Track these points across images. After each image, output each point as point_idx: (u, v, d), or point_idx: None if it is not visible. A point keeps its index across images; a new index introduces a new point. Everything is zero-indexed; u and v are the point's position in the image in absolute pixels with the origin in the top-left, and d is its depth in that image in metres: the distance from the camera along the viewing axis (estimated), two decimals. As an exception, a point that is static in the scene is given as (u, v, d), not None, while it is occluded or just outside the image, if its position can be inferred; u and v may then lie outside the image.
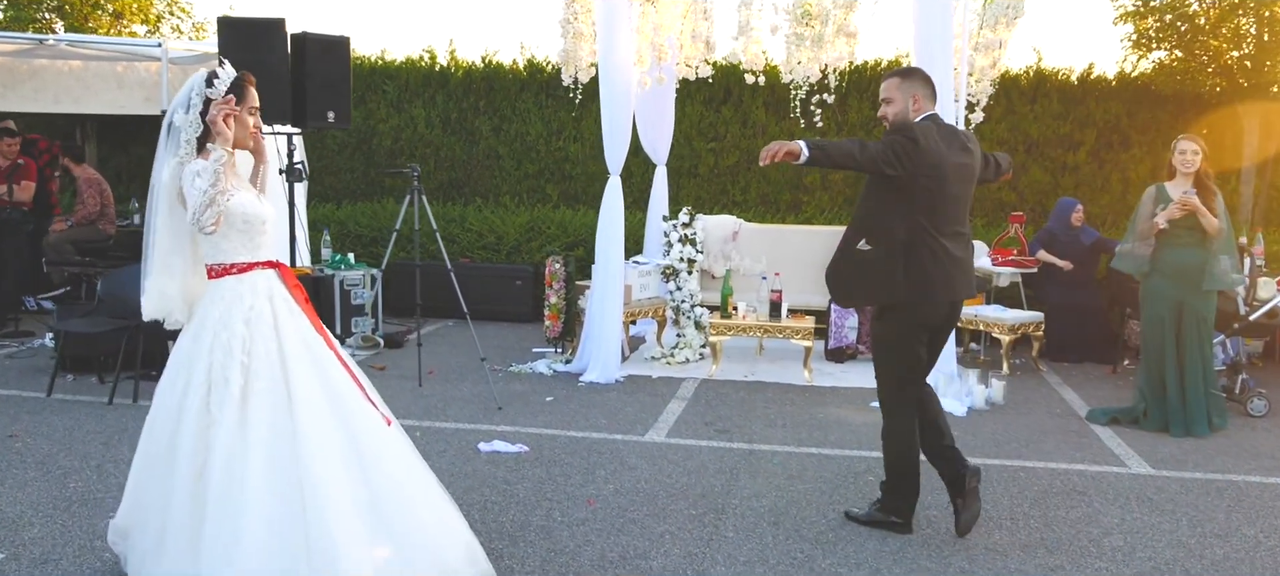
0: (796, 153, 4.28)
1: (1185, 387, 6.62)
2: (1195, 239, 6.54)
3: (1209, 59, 10.06)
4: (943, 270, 4.51)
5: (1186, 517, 5.04)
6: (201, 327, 3.72)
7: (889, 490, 4.81)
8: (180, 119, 3.76)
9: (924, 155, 4.37)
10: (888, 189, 4.46)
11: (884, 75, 4.83)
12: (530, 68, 11.94)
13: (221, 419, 3.55)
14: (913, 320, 4.57)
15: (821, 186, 11.40)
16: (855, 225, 4.67)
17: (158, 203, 3.82)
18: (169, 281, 3.82)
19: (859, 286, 4.73)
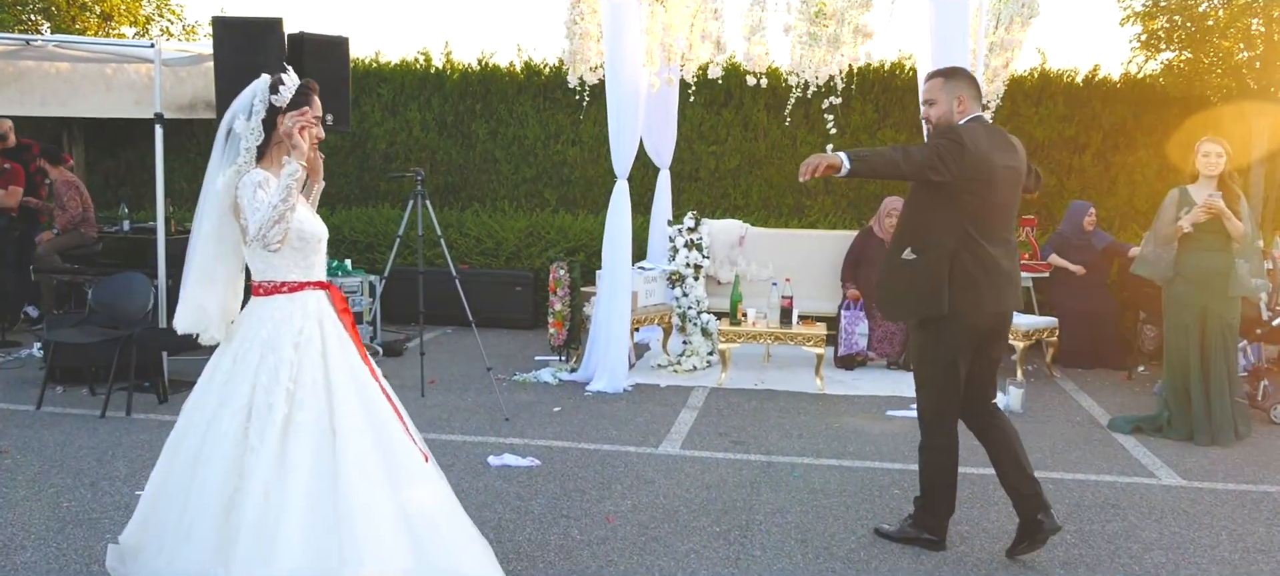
0: (837, 165, 4.07)
1: (1210, 396, 6.46)
2: (1219, 243, 6.39)
3: (1217, 60, 9.92)
4: (991, 280, 4.30)
5: (1225, 532, 4.88)
6: (246, 347, 3.51)
7: (923, 505, 4.62)
8: (241, 126, 3.55)
9: (971, 158, 4.17)
10: (934, 195, 4.26)
11: (927, 77, 4.61)
12: (527, 70, 11.74)
13: (261, 448, 3.35)
14: (958, 332, 4.34)
15: (825, 190, 11.23)
16: (900, 234, 4.47)
17: (205, 211, 3.61)
18: (208, 294, 3.62)
19: (905, 298, 4.47)
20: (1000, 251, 4.33)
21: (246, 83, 7.04)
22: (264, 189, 3.46)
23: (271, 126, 3.56)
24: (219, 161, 3.59)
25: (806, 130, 11.16)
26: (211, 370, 3.62)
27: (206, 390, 3.57)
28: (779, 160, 11.26)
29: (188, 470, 3.48)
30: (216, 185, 3.55)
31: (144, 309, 6.88)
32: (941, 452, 4.50)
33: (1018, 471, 4.41)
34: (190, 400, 3.64)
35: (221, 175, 3.56)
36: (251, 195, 3.44)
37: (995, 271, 4.30)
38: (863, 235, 8.74)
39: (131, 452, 5.77)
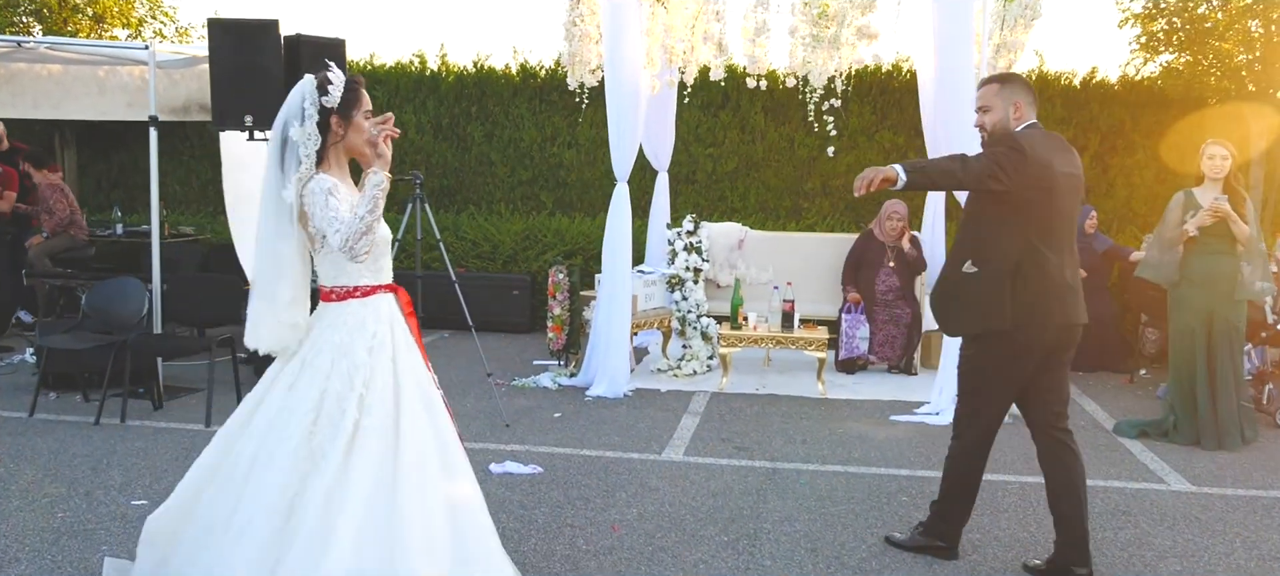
0: (893, 178, 3.95)
1: (1217, 400, 6.42)
2: (1225, 246, 6.35)
3: (1216, 62, 9.89)
4: (1056, 292, 4.12)
5: (1239, 539, 4.82)
6: (315, 351, 3.45)
7: (939, 512, 4.53)
8: (296, 133, 3.44)
9: (1031, 166, 4.00)
10: (994, 205, 4.09)
11: (980, 83, 4.46)
12: (523, 72, 11.66)
13: (330, 453, 3.29)
14: (1019, 347, 4.15)
15: (822, 192, 11.17)
16: (960, 246, 4.29)
17: (284, 231, 3.50)
18: (299, 312, 3.54)
19: (965, 312, 4.26)
20: (1064, 261, 4.16)
21: (242, 85, 7.06)
22: (335, 196, 3.38)
23: (325, 128, 3.46)
24: (278, 174, 3.48)
25: (805, 133, 11.11)
26: (275, 375, 3.55)
27: (268, 394, 3.51)
28: (776, 163, 11.20)
29: (242, 472, 3.40)
30: (285, 199, 3.45)
31: (138, 313, 6.78)
32: (968, 459, 4.38)
33: (1073, 519, 4.26)
34: (247, 404, 3.57)
35: (287, 188, 3.45)
36: (323, 203, 3.35)
37: (1059, 283, 4.13)
38: (863, 238, 8.68)
39: (127, 461, 5.67)
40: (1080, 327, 4.29)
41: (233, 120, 7.24)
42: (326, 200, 3.34)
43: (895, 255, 8.42)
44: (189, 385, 7.45)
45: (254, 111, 7.19)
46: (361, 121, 3.51)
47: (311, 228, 3.41)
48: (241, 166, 8.17)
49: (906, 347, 8.39)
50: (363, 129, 3.51)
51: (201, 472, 3.56)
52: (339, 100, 3.45)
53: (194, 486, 3.55)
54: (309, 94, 3.45)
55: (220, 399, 6.65)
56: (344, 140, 3.49)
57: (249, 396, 3.59)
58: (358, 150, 3.51)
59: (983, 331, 4.20)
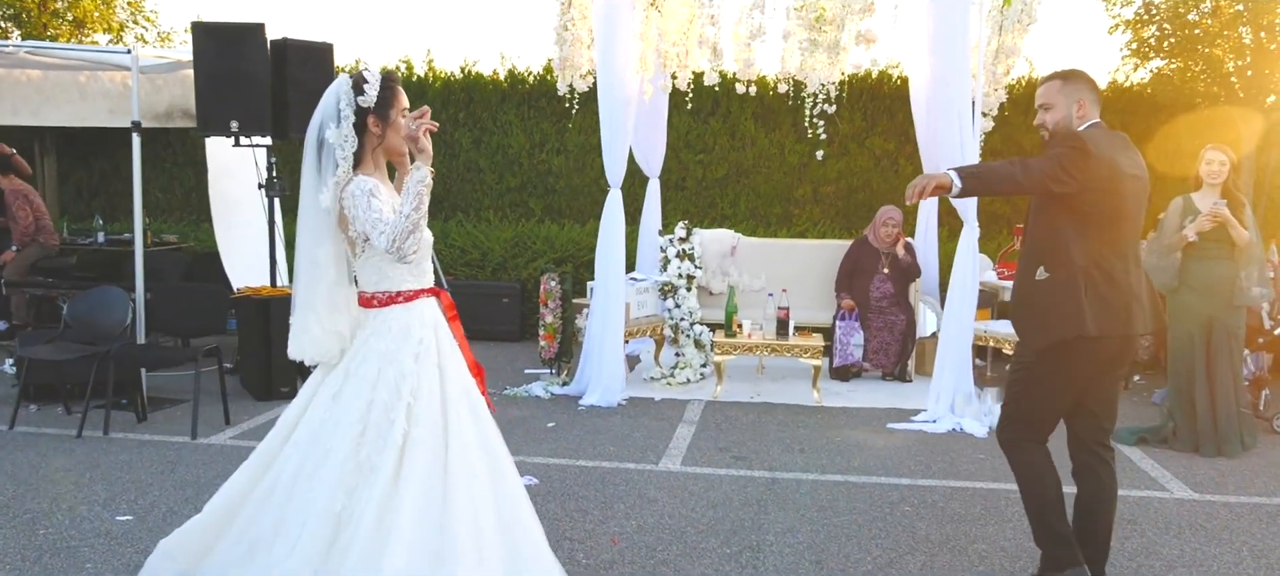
0: (948, 185, 3.77)
1: (1216, 406, 6.36)
2: (1224, 251, 6.31)
3: (1207, 68, 9.88)
4: (1122, 300, 3.92)
5: (1247, 548, 4.76)
6: (359, 360, 3.35)
7: (1046, 542, 4.14)
8: (332, 135, 3.33)
9: (1097, 166, 3.80)
10: (1059, 208, 3.90)
11: (1041, 80, 4.29)
12: (511, 78, 11.56)
13: (379, 465, 3.20)
14: (1086, 355, 3.95)
15: (813, 199, 11.11)
16: (1029, 253, 4.09)
17: (321, 236, 3.38)
18: (342, 319, 3.43)
19: (1042, 319, 3.99)
20: (1129, 267, 3.98)
21: (228, 90, 6.94)
22: (377, 197, 3.28)
23: (363, 129, 3.36)
24: (316, 177, 3.37)
25: (795, 139, 11.05)
26: (316, 386, 3.45)
27: (310, 406, 3.40)
28: (767, 169, 11.13)
29: (285, 487, 3.30)
30: (323, 203, 3.34)
31: (122, 323, 6.64)
32: (1035, 472, 4.09)
33: (1093, 541, 4.12)
34: (288, 417, 3.46)
35: (324, 192, 3.34)
36: (365, 205, 3.25)
37: (1125, 290, 3.93)
38: (857, 244, 8.60)
39: (111, 474, 5.53)
40: (1139, 337, 4.09)
41: (218, 126, 7.14)
42: (369, 202, 3.25)
43: (890, 261, 8.35)
44: (173, 396, 7.31)
45: (240, 117, 7.10)
46: (399, 120, 3.41)
47: (353, 231, 3.31)
48: (227, 173, 8.06)
49: (901, 355, 8.32)
50: (401, 127, 3.41)
51: (238, 487, 3.46)
52: (376, 99, 3.35)
53: (229, 503, 3.45)
54: (344, 94, 3.34)
55: (206, 410, 6.53)
56: (383, 141, 3.39)
57: (289, 409, 3.49)
58: (396, 150, 3.42)
59: (1064, 338, 3.93)
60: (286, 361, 7.10)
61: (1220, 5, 9.77)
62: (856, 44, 6.86)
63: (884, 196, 10.91)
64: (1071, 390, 4.03)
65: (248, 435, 6.41)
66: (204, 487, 5.30)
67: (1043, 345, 3.98)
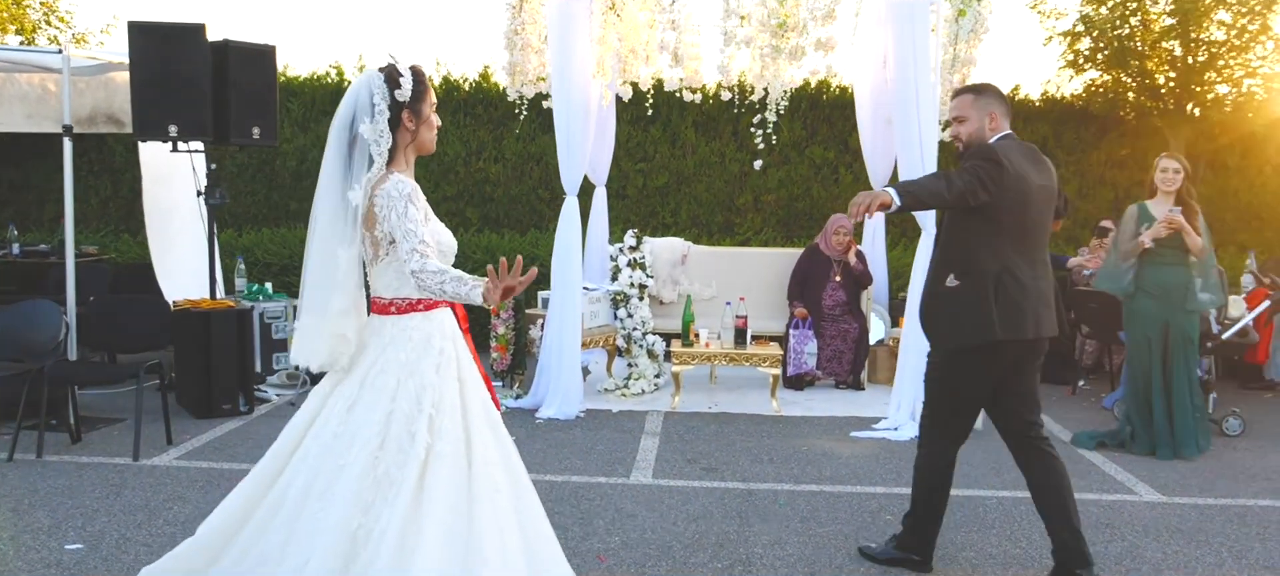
0: (888, 202, 3.87)
1: (1172, 409, 6.46)
2: (1179, 257, 6.40)
3: (1138, 80, 10.12)
4: (1031, 304, 4.11)
5: (1226, 549, 4.81)
6: (377, 370, 3.14)
7: (911, 525, 4.46)
8: (366, 130, 3.12)
9: (1009, 178, 3.99)
10: (973, 217, 4.06)
11: (952, 94, 4.41)
12: (446, 85, 11.32)
13: (400, 480, 3.00)
14: (996, 359, 4.14)
15: (754, 208, 11.10)
16: (941, 260, 4.25)
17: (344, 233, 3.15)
18: (350, 322, 3.21)
19: (952, 326, 4.19)
20: (1038, 272, 4.17)
21: (165, 92, 6.61)
22: (415, 204, 3.08)
23: (397, 125, 3.16)
24: (344, 173, 3.15)
25: (735, 148, 11.03)
26: (325, 396, 3.23)
27: (321, 418, 3.17)
28: (707, 177, 11.09)
29: (294, 503, 3.06)
30: (352, 201, 3.11)
31: (54, 338, 6.26)
32: (939, 469, 4.34)
33: (1061, 516, 4.24)
34: (294, 428, 3.23)
35: (355, 188, 3.12)
36: (402, 209, 3.05)
37: (1035, 295, 4.13)
38: (808, 253, 8.58)
39: (52, 500, 5.19)
40: (1048, 337, 4.26)
41: (155, 131, 6.81)
42: (407, 208, 3.06)
43: (841, 270, 8.34)
44: (106, 415, 6.93)
45: (179, 121, 6.78)
46: (431, 115, 3.24)
47: (379, 231, 3.10)
48: (161, 181, 7.70)
49: (854, 363, 8.30)
50: (433, 123, 3.27)
51: (238, 505, 3.22)
52: (410, 93, 3.16)
53: (227, 522, 3.20)
54: (378, 87, 3.14)
55: (144, 430, 6.16)
56: (416, 137, 3.20)
57: (294, 421, 3.26)
58: (427, 146, 3.26)
59: (973, 343, 4.13)
60: (229, 378, 6.87)
61: (1150, 20, 10.02)
62: (816, 50, 6.82)
63: (824, 204, 10.95)
64: (982, 392, 4.24)
65: (193, 455, 6.09)
66: (155, 512, 5.02)
67: (951, 349, 4.18)
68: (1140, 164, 10.92)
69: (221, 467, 5.82)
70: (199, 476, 5.63)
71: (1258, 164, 10.85)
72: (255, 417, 7.05)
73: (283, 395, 7.72)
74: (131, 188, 11.24)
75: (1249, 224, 10.84)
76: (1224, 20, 9.70)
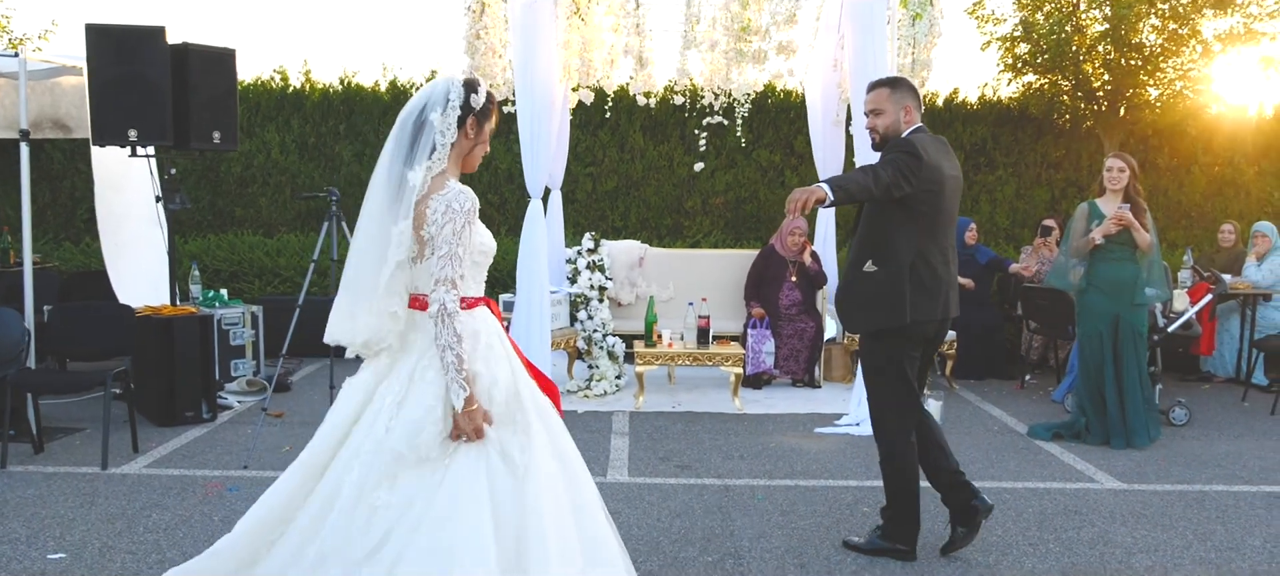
0: (823, 197, 4.03)
1: (1124, 400, 6.71)
2: (1127, 253, 6.65)
3: (1076, 84, 10.44)
4: (941, 288, 4.38)
5: (1191, 532, 5.02)
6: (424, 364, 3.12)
7: (892, 518, 4.60)
8: (437, 119, 3.13)
9: (926, 170, 4.19)
10: (892, 207, 4.26)
11: (868, 88, 4.57)
12: (393, 90, 11.26)
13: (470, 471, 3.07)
14: (912, 340, 4.40)
15: (702, 210, 11.21)
16: (860, 246, 4.45)
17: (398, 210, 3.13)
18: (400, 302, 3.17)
19: (868, 309, 4.43)
20: (948, 259, 4.42)
21: (124, 95, 6.53)
22: (473, 225, 3.11)
23: (461, 126, 3.18)
24: (408, 153, 3.15)
25: (682, 151, 11.14)
26: (369, 389, 3.20)
27: (369, 412, 3.15)
28: (656, 181, 11.17)
29: (350, 498, 3.03)
30: (411, 181, 3.09)
31: (18, 346, 6.13)
32: (906, 462, 4.50)
33: (944, 458, 4.58)
34: (337, 425, 3.19)
35: (415, 169, 3.12)
36: (458, 229, 3.05)
37: (944, 279, 4.39)
38: (764, 253, 8.71)
39: (24, 510, 5.08)
40: (950, 320, 4.54)
41: (114, 136, 6.69)
42: (464, 228, 3.06)
43: (797, 270, 8.49)
44: (64, 424, 6.79)
45: (138, 126, 6.67)
46: (487, 137, 3.30)
47: (426, 231, 3.09)
48: (115, 187, 7.56)
49: (810, 361, 8.46)
50: (485, 145, 3.32)
51: (278, 504, 3.18)
52: (481, 106, 3.21)
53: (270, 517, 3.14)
54: (456, 89, 3.17)
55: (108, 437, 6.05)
56: (470, 150, 3.23)
57: (334, 420, 3.21)
58: (473, 163, 3.28)
59: (884, 326, 4.37)
60: (192, 385, 6.77)
61: (1083, 24, 10.35)
62: (778, 55, 6.95)
63: (771, 207, 11.11)
64: (909, 365, 4.43)
65: (162, 463, 6.00)
66: (133, 520, 4.95)
67: (867, 331, 4.47)
68: (1075, 164, 11.29)
69: (193, 474, 5.74)
70: (172, 484, 5.56)
71: (1186, 164, 11.26)
72: (219, 424, 6.96)
73: (243, 402, 7.63)
74: (71, 194, 11.01)
75: (1178, 222, 11.24)
76: (1155, 25, 10.05)
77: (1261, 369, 8.89)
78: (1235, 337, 9.17)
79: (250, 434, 6.57)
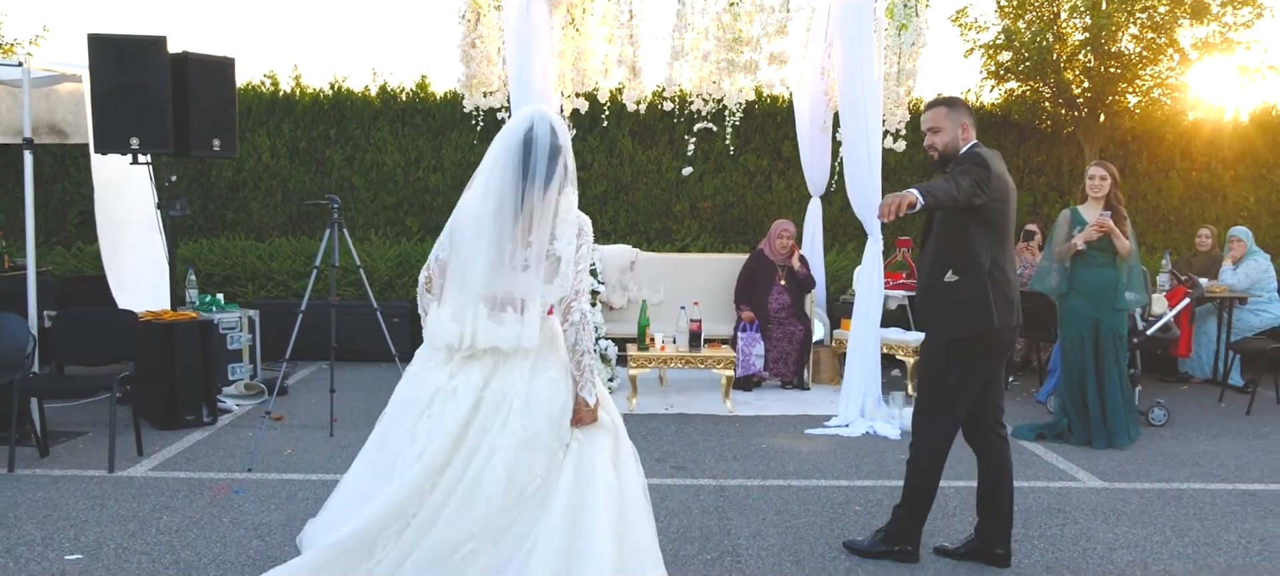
0: (914, 201, 4.11)
1: (1105, 402, 6.90)
2: (1108, 259, 6.84)
3: (1057, 91, 10.66)
4: (1014, 295, 4.50)
5: (1170, 529, 5.20)
6: (543, 365, 3.49)
7: (903, 518, 4.68)
8: (567, 147, 3.49)
9: (995, 180, 4.33)
10: (968, 217, 4.36)
11: (925, 106, 4.70)
12: (383, 94, 11.38)
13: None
14: (991, 348, 4.48)
15: (691, 214, 11.37)
16: (938, 257, 4.51)
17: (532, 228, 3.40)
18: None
19: (954, 318, 4.47)
20: (1013, 266, 4.55)
21: (126, 104, 6.64)
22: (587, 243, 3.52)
23: None
24: (546, 177, 3.39)
25: (671, 156, 11.29)
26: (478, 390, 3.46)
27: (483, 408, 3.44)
28: (645, 185, 11.33)
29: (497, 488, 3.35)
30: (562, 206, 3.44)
31: (22, 351, 6.22)
32: (933, 462, 4.59)
33: (1000, 509, 4.63)
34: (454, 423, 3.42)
35: (563, 196, 3.44)
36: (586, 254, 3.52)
37: (1014, 287, 4.51)
38: (754, 257, 8.88)
39: (37, 513, 5.18)
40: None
41: (117, 143, 6.79)
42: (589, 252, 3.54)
43: (786, 274, 8.66)
44: (66, 428, 6.87)
45: (140, 134, 6.77)
46: None
47: (557, 247, 3.41)
48: (115, 194, 7.64)
49: (799, 364, 8.62)
50: None
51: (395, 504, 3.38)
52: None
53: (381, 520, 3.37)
54: (561, 124, 3.58)
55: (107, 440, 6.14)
56: None
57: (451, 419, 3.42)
58: None
59: (970, 334, 4.45)
60: (193, 389, 6.87)
61: (1064, 32, 10.57)
62: (770, 65, 7.11)
63: (758, 211, 11.29)
64: (977, 379, 4.52)
65: (167, 465, 6.10)
66: (145, 521, 5.06)
67: (954, 338, 4.48)
68: (1056, 169, 11.51)
69: (199, 477, 5.85)
70: (179, 486, 5.67)
71: (1164, 169, 11.50)
72: (220, 427, 7.07)
73: (242, 405, 7.73)
74: (62, 199, 11.07)
75: (1157, 226, 11.48)
76: (1134, 34, 10.27)
77: (1238, 370, 9.12)
78: (1212, 340, 9.39)
79: (251, 437, 6.68)
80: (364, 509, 3.37)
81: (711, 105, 8.15)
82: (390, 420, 3.54)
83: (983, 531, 4.69)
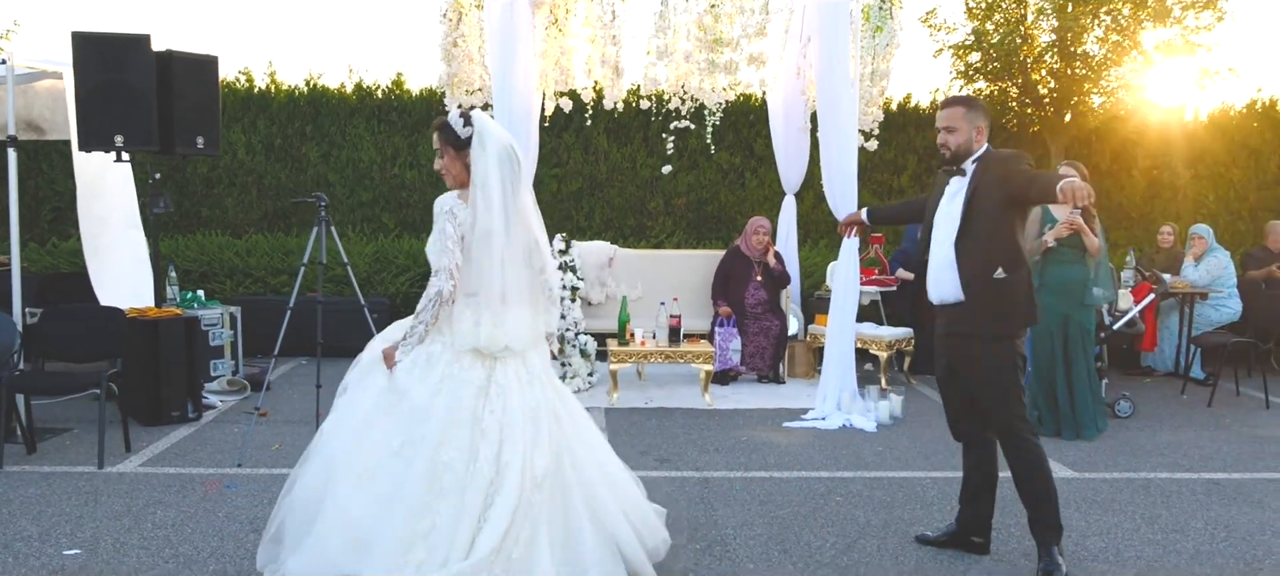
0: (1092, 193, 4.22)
1: (1073, 395, 7.10)
2: (1077, 256, 7.04)
3: (1024, 90, 10.89)
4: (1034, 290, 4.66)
5: (1140, 517, 5.40)
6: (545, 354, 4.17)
7: (1045, 525, 4.59)
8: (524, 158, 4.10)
9: None
10: (1015, 216, 4.46)
11: (942, 104, 4.76)
12: (359, 92, 11.42)
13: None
14: (1020, 338, 4.59)
15: (665, 211, 11.51)
16: (986, 256, 4.46)
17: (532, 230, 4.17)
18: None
19: (1010, 315, 4.49)
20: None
21: (110, 102, 6.69)
22: None
23: None
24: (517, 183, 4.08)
25: (646, 153, 11.42)
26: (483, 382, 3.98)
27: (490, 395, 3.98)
28: (620, 182, 11.45)
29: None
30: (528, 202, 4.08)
31: (9, 348, 6.24)
32: (1042, 460, 4.58)
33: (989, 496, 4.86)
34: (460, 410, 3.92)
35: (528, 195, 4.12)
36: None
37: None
38: (730, 254, 9.02)
39: (31, 509, 5.23)
40: None
41: (101, 141, 6.82)
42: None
43: (762, 270, 8.81)
44: (51, 425, 6.90)
45: (124, 131, 6.80)
46: None
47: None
48: (97, 193, 7.64)
49: (775, 358, 8.78)
50: None
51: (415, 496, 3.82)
52: None
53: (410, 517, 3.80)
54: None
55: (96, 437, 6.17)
56: None
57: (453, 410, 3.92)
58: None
59: (1024, 326, 4.57)
60: (178, 385, 6.91)
61: (1031, 34, 10.80)
62: (749, 66, 7.25)
63: (732, 208, 11.45)
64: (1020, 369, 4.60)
65: (156, 461, 6.15)
66: (140, 516, 5.11)
67: (1012, 333, 4.51)
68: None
69: (188, 472, 5.91)
70: (170, 481, 5.72)
71: (1127, 167, 11.78)
72: (205, 423, 7.12)
73: (226, 401, 7.78)
74: (35, 195, 11.02)
75: (1120, 223, 11.75)
76: (1099, 36, 10.52)
77: (1199, 363, 9.39)
78: (1175, 334, 9.65)
79: (237, 432, 6.74)
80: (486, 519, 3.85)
81: (691, 105, 8.29)
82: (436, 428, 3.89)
83: (963, 520, 4.87)
